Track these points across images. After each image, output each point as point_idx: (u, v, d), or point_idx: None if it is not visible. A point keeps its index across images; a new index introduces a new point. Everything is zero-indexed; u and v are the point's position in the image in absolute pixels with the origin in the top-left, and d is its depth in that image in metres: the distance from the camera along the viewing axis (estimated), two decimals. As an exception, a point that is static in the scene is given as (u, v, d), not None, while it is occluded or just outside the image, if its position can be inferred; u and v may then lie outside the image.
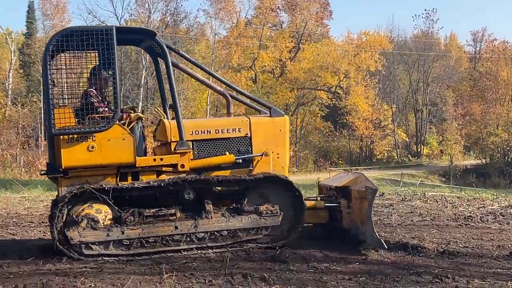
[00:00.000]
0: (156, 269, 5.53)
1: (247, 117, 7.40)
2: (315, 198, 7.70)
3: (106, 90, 7.01)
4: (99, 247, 6.39)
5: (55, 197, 6.72)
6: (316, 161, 41.49)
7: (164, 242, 6.52)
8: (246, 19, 41.33)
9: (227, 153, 6.91)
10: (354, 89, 39.97)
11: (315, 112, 43.36)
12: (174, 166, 6.82)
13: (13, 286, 4.75)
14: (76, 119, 6.46)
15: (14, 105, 36.63)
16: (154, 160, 6.82)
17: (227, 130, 7.11)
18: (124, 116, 6.87)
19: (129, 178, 6.77)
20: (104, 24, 24.07)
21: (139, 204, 6.60)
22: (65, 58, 6.65)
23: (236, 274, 5.25)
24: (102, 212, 6.54)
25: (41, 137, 35.29)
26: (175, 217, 6.61)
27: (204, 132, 7.07)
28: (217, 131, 7.06)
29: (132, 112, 7.02)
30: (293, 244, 6.64)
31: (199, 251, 6.55)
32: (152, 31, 7.38)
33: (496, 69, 41.36)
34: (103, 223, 6.45)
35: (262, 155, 6.96)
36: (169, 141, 6.73)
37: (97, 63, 6.89)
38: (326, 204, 7.27)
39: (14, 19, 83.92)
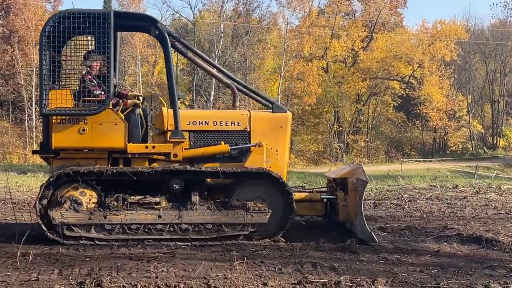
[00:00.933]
0: (226, 255, 5.59)
1: (249, 110, 7.29)
2: (311, 190, 7.55)
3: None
4: (81, 230, 6.32)
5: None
6: (387, 152, 41.72)
7: (146, 230, 6.40)
8: (319, 8, 41.61)
9: (223, 143, 6.82)
10: (428, 79, 39.47)
11: (387, 102, 43.43)
12: (167, 155, 6.72)
13: (89, 269, 4.91)
14: (74, 102, 6.48)
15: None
16: (146, 147, 6.71)
17: (226, 123, 6.99)
18: (120, 102, 6.86)
19: (121, 164, 6.72)
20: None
21: (125, 190, 6.49)
22: (60, 41, 6.57)
23: (305, 263, 5.28)
24: (87, 195, 6.45)
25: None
26: (159, 206, 6.49)
27: (202, 123, 6.95)
28: (215, 123, 6.95)
29: (132, 99, 6.96)
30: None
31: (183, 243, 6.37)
32: (153, 17, 7.26)
33: None
34: (86, 206, 6.38)
35: (255, 145, 6.80)
36: (165, 129, 6.67)
37: (93, 47, 6.87)
38: (322, 196, 7.12)
39: (91, 7, 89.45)
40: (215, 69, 7.92)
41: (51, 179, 6.33)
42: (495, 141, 43.20)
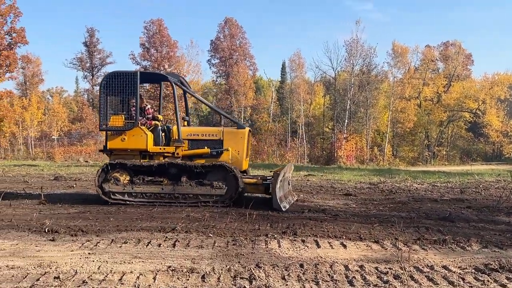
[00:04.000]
0: (369, 220, 7.47)
1: (223, 127, 9.69)
2: (257, 177, 9.78)
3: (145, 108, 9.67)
4: (119, 196, 9.02)
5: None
6: (461, 158, 51.93)
7: (155, 197, 8.94)
8: (415, 67, 55.85)
9: (206, 147, 9.22)
10: (489, 111, 51.12)
11: (460, 125, 55.19)
12: (172, 153, 9.24)
13: (287, 224, 7.06)
14: (124, 122, 9.03)
15: (273, 121, 55.62)
16: (160, 148, 9.28)
17: (209, 135, 9.46)
18: (148, 122, 9.50)
19: (147, 158, 9.29)
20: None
21: (144, 173, 9.05)
22: (112, 88, 9.08)
23: (421, 227, 6.92)
24: (123, 176, 9.09)
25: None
26: (163, 183, 8.95)
27: (195, 135, 9.49)
28: (202, 135, 9.46)
29: (156, 122, 9.57)
30: (457, 212, 8.45)
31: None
32: (163, 74, 10.03)
33: None
34: (122, 182, 9.01)
35: (225, 149, 9.21)
36: (173, 138, 9.26)
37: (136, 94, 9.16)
38: (263, 182, 9.34)
39: (273, 71, 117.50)
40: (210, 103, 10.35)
41: (103, 167, 9.09)
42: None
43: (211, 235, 6.57)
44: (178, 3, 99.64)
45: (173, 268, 4.94)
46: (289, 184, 10.50)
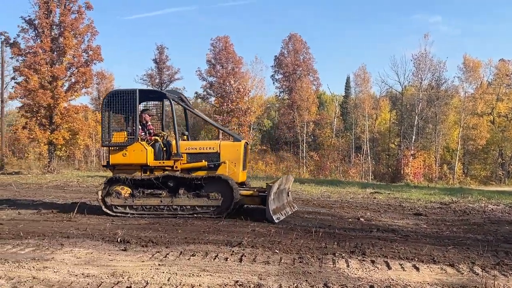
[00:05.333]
0: (442, 242, 7.25)
1: (220, 141, 9.98)
2: (254, 189, 9.84)
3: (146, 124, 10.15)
4: (121, 208, 9.40)
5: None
6: None
7: (154, 209, 9.32)
8: (487, 81, 54.13)
9: (203, 160, 9.51)
10: None
11: None
12: (171, 167, 9.56)
13: (355, 243, 6.89)
14: (126, 138, 9.48)
15: (336, 137, 55.05)
16: (159, 162, 9.59)
17: (206, 148, 9.78)
18: (148, 137, 9.92)
19: (148, 172, 9.63)
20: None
21: (145, 187, 9.44)
22: (113, 106, 9.53)
23: (499, 251, 6.68)
24: (124, 189, 9.45)
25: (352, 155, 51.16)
26: (162, 195, 9.31)
27: (193, 148, 9.81)
28: (200, 148, 9.78)
29: (156, 137, 9.94)
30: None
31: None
32: (162, 92, 10.36)
33: None
34: (123, 195, 9.40)
35: (221, 163, 9.51)
36: (172, 153, 9.58)
37: (140, 110, 9.76)
38: (259, 193, 9.42)
39: (337, 85, 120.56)
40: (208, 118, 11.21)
41: (106, 181, 9.51)
42: None
43: (277, 251, 6.54)
44: (244, 21, 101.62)
45: (241, 283, 4.95)
46: (288, 195, 10.69)
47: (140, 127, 9.90)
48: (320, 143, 56.06)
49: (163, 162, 9.66)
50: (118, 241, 7.07)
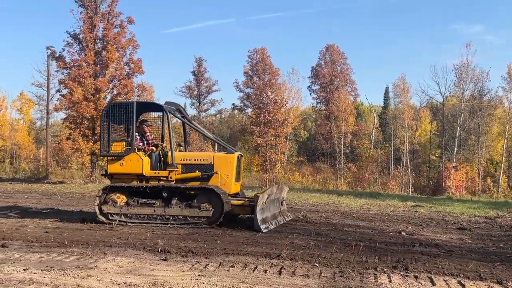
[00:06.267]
0: (488, 258, 7.00)
1: (214, 153, 10.41)
2: (244, 199, 10.12)
3: (145, 135, 10.47)
4: (116, 216, 9.64)
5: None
6: None
7: (148, 218, 9.52)
8: None
9: (197, 171, 9.77)
10: None
11: None
12: (166, 177, 9.84)
13: (397, 257, 6.75)
14: (125, 148, 9.76)
15: (375, 148, 54.42)
16: (155, 173, 9.86)
17: (200, 160, 10.01)
18: (146, 147, 10.22)
19: (144, 182, 9.87)
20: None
21: (139, 196, 9.72)
22: (112, 118, 9.94)
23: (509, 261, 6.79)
24: (120, 198, 9.71)
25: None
26: (155, 205, 9.56)
27: (188, 159, 10.05)
28: (195, 160, 10.02)
29: (153, 147, 10.24)
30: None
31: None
32: (159, 104, 10.46)
33: None
34: (119, 204, 9.65)
35: (213, 173, 9.79)
36: (169, 163, 9.92)
37: (139, 121, 10.22)
38: (250, 203, 9.62)
39: (375, 96, 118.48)
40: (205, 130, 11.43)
41: (102, 190, 9.77)
42: None
43: (317, 264, 6.48)
44: (282, 32, 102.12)
45: (281, 297, 4.89)
46: (282, 204, 10.84)
47: (138, 137, 10.25)
48: (358, 154, 55.05)
49: (158, 173, 9.95)
50: (159, 250, 7.18)
